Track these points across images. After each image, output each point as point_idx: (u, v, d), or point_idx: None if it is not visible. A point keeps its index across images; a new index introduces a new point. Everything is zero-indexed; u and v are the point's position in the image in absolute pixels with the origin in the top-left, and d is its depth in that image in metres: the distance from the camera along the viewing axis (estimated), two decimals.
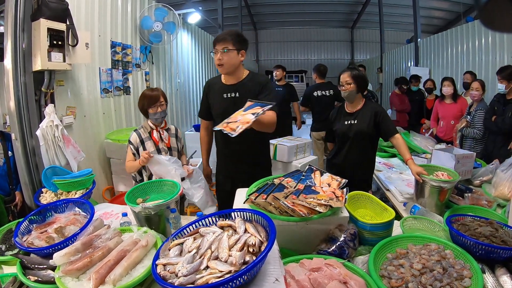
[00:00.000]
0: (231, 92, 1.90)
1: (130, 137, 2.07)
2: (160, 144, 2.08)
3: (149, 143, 2.05)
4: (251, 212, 1.09)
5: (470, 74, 4.09)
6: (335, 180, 1.55)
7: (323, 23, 12.72)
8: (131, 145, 2.05)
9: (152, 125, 2.08)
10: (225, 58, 1.80)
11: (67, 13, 2.23)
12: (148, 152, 1.91)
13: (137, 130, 2.09)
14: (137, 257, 1.07)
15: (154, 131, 2.07)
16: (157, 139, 2.08)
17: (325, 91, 4.15)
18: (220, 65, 1.82)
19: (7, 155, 2.29)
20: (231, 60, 1.81)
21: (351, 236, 1.24)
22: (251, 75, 1.95)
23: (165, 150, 2.10)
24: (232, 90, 1.90)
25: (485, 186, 2.06)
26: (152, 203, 1.42)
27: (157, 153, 2.04)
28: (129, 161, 2.06)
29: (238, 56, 1.83)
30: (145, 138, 2.06)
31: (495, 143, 2.88)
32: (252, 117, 1.51)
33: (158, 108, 2.03)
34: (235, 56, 1.82)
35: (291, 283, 0.97)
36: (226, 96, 1.91)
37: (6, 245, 1.40)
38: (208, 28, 6.95)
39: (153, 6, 3.70)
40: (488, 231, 1.19)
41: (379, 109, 2.12)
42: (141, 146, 2.04)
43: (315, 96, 4.17)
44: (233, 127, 1.49)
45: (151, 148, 2.05)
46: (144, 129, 2.09)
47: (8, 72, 2.08)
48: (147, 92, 2.08)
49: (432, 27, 10.86)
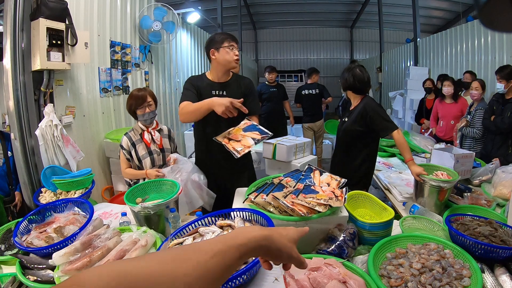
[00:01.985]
0: (219, 90, 1.90)
1: (121, 141, 2.01)
2: (151, 146, 2.03)
3: (140, 146, 2.00)
4: (251, 211, 1.09)
5: (470, 74, 4.10)
6: (335, 180, 1.55)
7: (322, 22, 12.71)
8: (123, 150, 2.00)
9: (142, 127, 2.03)
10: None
11: (66, 12, 2.23)
12: (159, 170, 1.90)
13: (128, 133, 2.03)
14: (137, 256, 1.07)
15: (145, 132, 2.02)
16: (148, 140, 2.02)
17: (312, 90, 4.88)
18: (237, 61, 1.85)
19: (6, 155, 2.29)
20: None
21: (351, 235, 1.24)
22: (235, 76, 1.99)
23: (157, 152, 2.04)
24: (221, 88, 1.91)
25: (484, 186, 2.06)
26: (152, 202, 1.41)
27: (148, 156, 2.00)
28: (128, 169, 2.01)
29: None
30: (136, 141, 2.00)
31: (494, 142, 2.89)
32: (252, 142, 1.62)
33: (146, 109, 1.99)
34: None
35: (290, 282, 0.97)
36: (214, 93, 1.89)
37: (5, 245, 1.39)
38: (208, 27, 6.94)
39: (152, 5, 3.70)
40: (488, 231, 1.19)
41: (369, 107, 2.03)
42: (133, 149, 1.99)
43: (303, 95, 4.89)
44: (235, 147, 1.58)
45: (143, 151, 2.00)
46: (135, 131, 2.03)
47: (7, 72, 2.08)
48: (134, 92, 2.03)
49: (432, 27, 10.87)
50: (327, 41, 13.48)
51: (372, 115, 2.00)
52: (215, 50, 1.84)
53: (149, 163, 2.01)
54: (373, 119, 2.00)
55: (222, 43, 1.82)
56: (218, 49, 1.83)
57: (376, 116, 1.99)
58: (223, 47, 1.82)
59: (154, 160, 2.03)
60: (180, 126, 4.87)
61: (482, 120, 3.01)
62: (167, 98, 4.43)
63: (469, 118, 3.18)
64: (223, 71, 1.90)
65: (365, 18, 11.62)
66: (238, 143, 1.62)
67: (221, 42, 1.83)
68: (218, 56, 1.84)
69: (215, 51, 1.84)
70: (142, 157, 2.00)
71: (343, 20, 12.55)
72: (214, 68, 1.91)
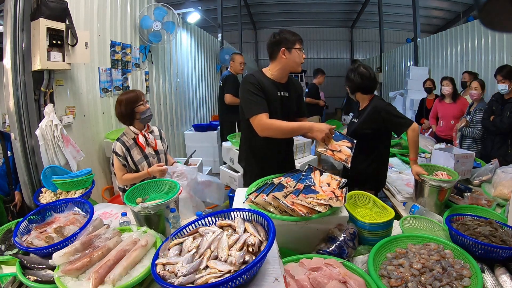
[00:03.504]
0: (283, 91, 1.84)
1: (114, 148, 1.89)
2: (146, 150, 1.95)
3: (135, 151, 1.92)
4: (251, 211, 1.09)
5: (468, 73, 4.09)
6: (335, 180, 1.55)
7: (322, 22, 12.71)
8: (118, 157, 1.88)
9: (135, 130, 1.93)
10: None
11: (66, 12, 2.23)
12: (161, 165, 1.87)
13: (120, 138, 1.92)
14: (137, 256, 1.06)
15: (139, 136, 1.93)
16: (144, 144, 1.93)
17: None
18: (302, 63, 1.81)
19: (6, 155, 2.29)
20: None
21: (351, 235, 1.24)
22: (289, 76, 1.92)
23: (152, 155, 1.97)
24: (284, 89, 1.85)
25: (484, 186, 2.06)
26: (152, 202, 1.42)
27: (144, 160, 1.93)
28: (127, 174, 1.91)
29: None
30: (130, 146, 1.91)
31: (493, 142, 2.88)
32: (349, 151, 1.70)
33: (146, 105, 1.93)
34: None
35: (290, 282, 0.97)
36: (279, 94, 1.82)
37: (5, 245, 1.39)
38: (208, 27, 6.93)
39: (153, 5, 3.70)
40: (488, 231, 1.19)
41: (379, 107, 1.95)
42: (128, 154, 1.90)
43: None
44: (341, 157, 1.66)
45: (138, 155, 1.92)
46: (127, 135, 1.93)
47: (7, 72, 2.08)
48: (126, 93, 1.93)
49: (432, 27, 10.87)
50: (327, 41, 13.48)
51: (384, 115, 1.92)
52: (287, 50, 1.75)
53: (146, 167, 1.93)
54: (386, 119, 1.93)
55: (294, 44, 1.75)
56: (290, 49, 1.75)
57: (388, 116, 1.92)
58: (296, 48, 1.75)
59: (150, 163, 1.95)
60: (180, 126, 4.87)
61: (481, 120, 3.00)
62: (167, 98, 4.42)
63: (468, 118, 3.18)
64: (287, 71, 1.83)
65: (365, 18, 11.62)
66: (340, 153, 1.68)
67: (294, 43, 1.75)
68: (289, 56, 1.75)
69: (287, 51, 1.75)
70: (138, 162, 1.92)
71: (343, 20, 12.55)
72: (279, 68, 1.80)
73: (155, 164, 1.94)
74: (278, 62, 1.80)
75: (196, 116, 5.65)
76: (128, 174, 1.91)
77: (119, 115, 1.93)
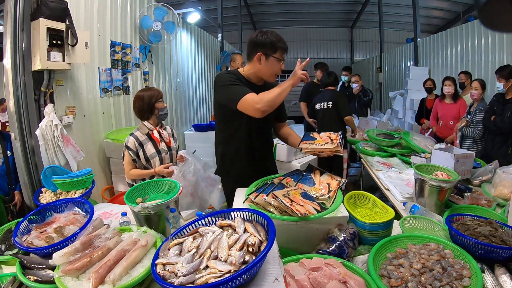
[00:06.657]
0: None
1: (126, 142, 1.98)
2: (160, 145, 2.03)
3: (148, 145, 2.00)
4: (251, 211, 1.09)
5: (464, 73, 4.09)
6: (335, 180, 1.55)
7: (322, 22, 12.70)
8: (129, 151, 1.96)
9: (150, 126, 2.03)
10: None
11: (66, 12, 2.23)
12: (168, 166, 1.90)
13: (133, 133, 2.01)
14: (137, 256, 1.06)
15: (153, 131, 2.02)
16: (158, 138, 2.01)
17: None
18: (276, 76, 1.74)
19: (6, 155, 2.29)
20: None
21: (351, 235, 1.24)
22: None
23: (165, 150, 2.05)
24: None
25: (484, 186, 2.06)
26: (152, 202, 1.41)
27: (157, 155, 2.00)
28: (134, 170, 1.98)
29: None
30: (143, 141, 1.99)
31: (494, 142, 2.89)
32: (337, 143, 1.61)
33: (164, 103, 2.02)
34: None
35: (290, 282, 0.97)
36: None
37: (5, 245, 1.39)
38: (208, 27, 6.93)
39: (153, 5, 3.70)
40: (488, 231, 1.19)
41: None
42: (140, 149, 1.98)
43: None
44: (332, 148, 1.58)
45: (152, 149, 2.00)
46: (141, 130, 2.02)
47: (7, 72, 2.08)
48: (147, 90, 2.04)
49: (432, 27, 10.87)
50: (327, 41, 13.47)
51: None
52: (264, 56, 1.62)
53: (158, 162, 2.01)
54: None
55: (275, 52, 1.61)
56: (268, 56, 1.62)
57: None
58: (275, 57, 1.62)
59: (162, 159, 2.03)
60: (180, 126, 4.88)
61: (482, 120, 3.01)
62: (167, 98, 4.43)
63: (469, 118, 3.18)
64: (259, 78, 1.74)
65: (365, 18, 11.61)
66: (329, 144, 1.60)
67: (275, 51, 1.61)
68: (264, 64, 1.64)
69: (263, 57, 1.62)
70: (150, 156, 1.99)
71: (343, 20, 12.54)
72: (252, 72, 1.71)
73: (167, 160, 2.02)
74: (252, 65, 1.69)
75: (196, 116, 5.65)
76: (135, 170, 1.99)
77: (139, 109, 2.00)
